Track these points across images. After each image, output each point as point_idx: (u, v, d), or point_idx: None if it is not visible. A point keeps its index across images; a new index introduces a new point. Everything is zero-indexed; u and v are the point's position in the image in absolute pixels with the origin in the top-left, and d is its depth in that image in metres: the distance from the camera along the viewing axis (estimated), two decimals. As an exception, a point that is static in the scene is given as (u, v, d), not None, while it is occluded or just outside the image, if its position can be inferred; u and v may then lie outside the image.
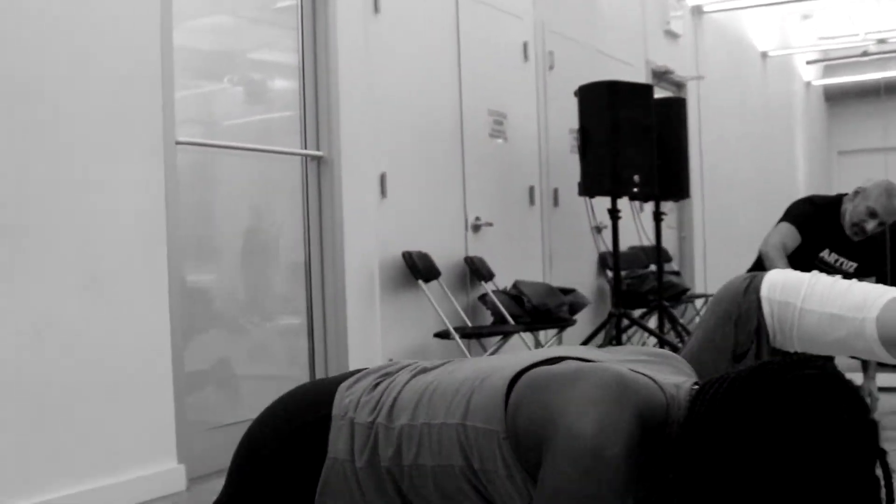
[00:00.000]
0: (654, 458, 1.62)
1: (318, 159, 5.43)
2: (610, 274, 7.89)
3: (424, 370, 1.86)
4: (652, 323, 7.65)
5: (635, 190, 6.45)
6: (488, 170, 6.72)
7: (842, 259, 5.05)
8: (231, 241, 5.19)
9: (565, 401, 1.59)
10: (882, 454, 1.58)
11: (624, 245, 7.79)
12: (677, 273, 8.31)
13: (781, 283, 3.89)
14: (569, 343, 7.05)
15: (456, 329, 5.82)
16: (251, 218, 5.32)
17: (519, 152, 7.07)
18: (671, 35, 9.52)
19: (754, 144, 11.63)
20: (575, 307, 6.44)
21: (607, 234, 7.76)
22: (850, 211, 4.92)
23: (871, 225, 4.86)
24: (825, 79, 14.26)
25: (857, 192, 4.92)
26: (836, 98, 14.37)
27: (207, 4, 5.08)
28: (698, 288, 9.52)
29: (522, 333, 6.08)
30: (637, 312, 7.64)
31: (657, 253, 7.31)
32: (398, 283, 5.78)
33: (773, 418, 1.52)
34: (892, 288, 3.85)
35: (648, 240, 7.47)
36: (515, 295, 6.24)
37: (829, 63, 13.83)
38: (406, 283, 5.79)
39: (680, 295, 7.84)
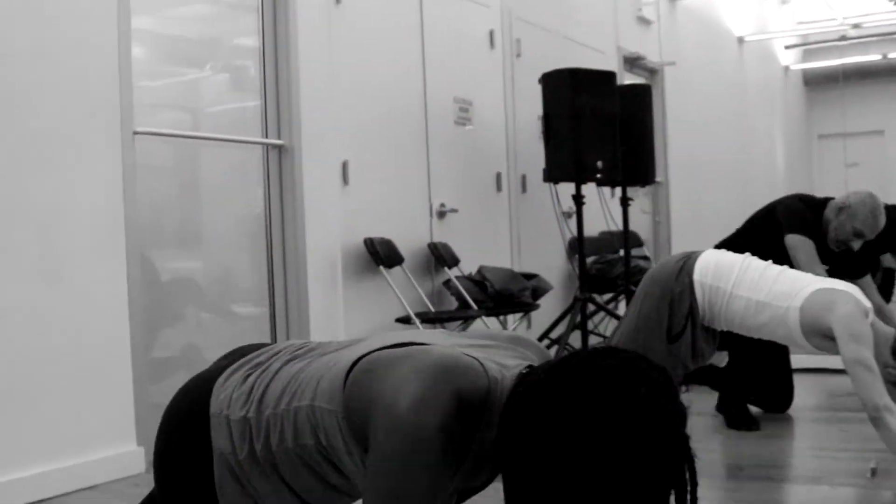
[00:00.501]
0: (477, 436, 1.72)
1: (279, 148, 5.51)
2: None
3: (295, 357, 1.96)
4: (622, 307, 7.74)
5: (599, 176, 6.52)
6: (454, 157, 6.80)
7: None
8: (193, 229, 5.29)
9: (387, 382, 1.71)
10: (686, 448, 1.68)
11: (595, 230, 7.89)
12: (646, 258, 8.40)
13: (714, 268, 4.01)
14: (537, 327, 7.16)
15: (418, 314, 5.91)
16: (213, 206, 5.40)
17: (485, 139, 7.15)
18: (644, 21, 9.58)
19: (732, 129, 11.70)
20: (538, 292, 6.53)
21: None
22: (835, 227, 4.92)
23: (857, 244, 4.91)
24: (804, 63, 14.32)
25: (841, 208, 4.91)
26: (816, 82, 14.45)
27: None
28: (673, 272, 9.58)
29: (486, 318, 6.16)
30: (607, 297, 7.72)
31: (624, 238, 7.39)
32: (361, 270, 5.86)
33: (579, 406, 1.59)
34: (818, 278, 3.98)
35: (616, 225, 7.55)
36: (479, 280, 6.33)
37: (809, 47, 13.91)
38: (369, 269, 5.87)
39: (648, 279, 7.92)
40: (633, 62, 9.33)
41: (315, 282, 5.56)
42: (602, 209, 7.41)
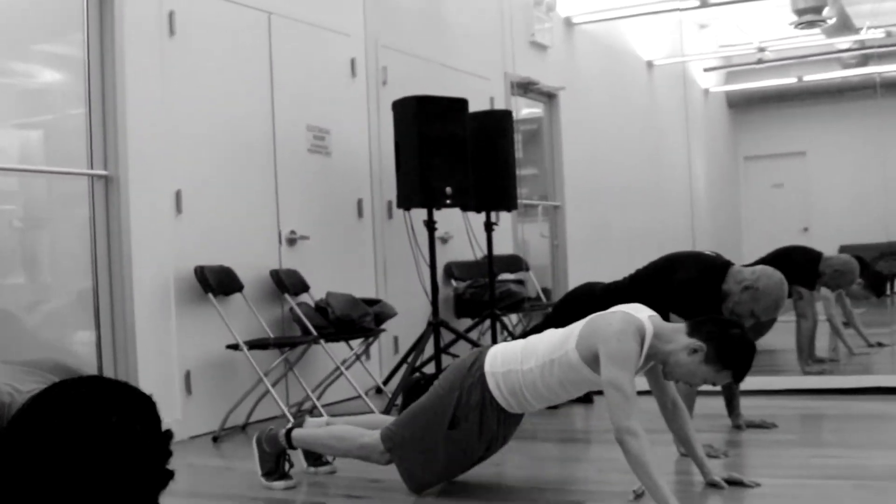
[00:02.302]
0: None
1: (105, 178, 5.56)
2: (454, 283, 8.06)
3: None
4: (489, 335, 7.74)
5: (448, 201, 6.58)
6: (307, 184, 6.86)
7: None
8: (10, 263, 5.32)
9: None
10: (157, 470, 1.76)
11: (478, 255, 7.94)
12: (520, 282, 8.44)
13: (501, 356, 4.11)
14: (386, 352, 7.24)
15: (256, 341, 5.97)
16: (33, 239, 5.45)
17: (345, 166, 7.21)
18: (538, 47, 9.66)
19: (642, 152, 11.76)
20: (381, 317, 6.58)
21: (454, 244, 7.93)
22: (736, 301, 4.87)
23: (747, 322, 4.85)
24: (725, 86, 14.38)
25: (748, 287, 4.86)
26: (739, 105, 14.50)
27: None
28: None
29: (328, 343, 6.21)
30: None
31: (489, 262, 7.43)
32: (195, 298, 5.91)
33: (47, 432, 1.71)
34: (586, 318, 4.04)
35: (482, 251, 7.58)
36: (323, 307, 6.39)
37: (729, 70, 13.97)
38: (204, 297, 5.91)
39: (519, 304, 7.97)
40: (525, 87, 9.40)
41: (144, 311, 5.60)
42: (468, 235, 7.45)
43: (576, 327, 3.99)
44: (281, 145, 6.64)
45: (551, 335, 4.08)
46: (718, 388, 5.28)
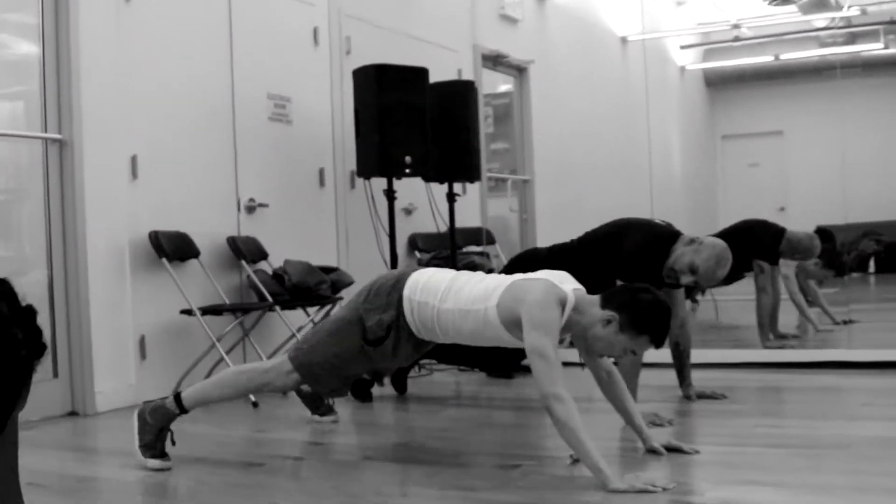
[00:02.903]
0: None
1: (60, 142, 5.56)
2: (419, 255, 8.07)
3: None
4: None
5: (407, 171, 6.59)
6: (267, 153, 6.87)
7: None
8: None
9: None
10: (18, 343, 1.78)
11: (437, 227, 7.94)
12: (483, 254, 8.45)
13: (423, 285, 4.07)
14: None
15: (211, 307, 5.98)
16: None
17: (307, 135, 7.21)
18: (508, 20, 9.65)
19: (615, 128, 11.76)
20: (338, 285, 6.59)
21: (419, 216, 7.94)
22: (677, 255, 4.83)
23: (686, 279, 4.81)
24: (702, 63, 14.36)
25: (692, 241, 4.84)
26: (717, 83, 14.49)
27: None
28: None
29: (284, 311, 6.23)
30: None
31: (451, 234, 7.43)
32: (150, 263, 5.91)
33: None
34: (513, 276, 4.04)
35: (445, 222, 7.58)
36: (280, 274, 6.40)
37: (707, 48, 13.96)
38: (159, 262, 5.92)
39: (481, 274, 7.98)
40: (495, 60, 9.39)
41: (98, 276, 5.61)
42: (430, 206, 7.45)
43: (500, 285, 3.95)
44: (241, 113, 6.63)
45: (477, 283, 4.02)
46: (670, 359, 5.36)
